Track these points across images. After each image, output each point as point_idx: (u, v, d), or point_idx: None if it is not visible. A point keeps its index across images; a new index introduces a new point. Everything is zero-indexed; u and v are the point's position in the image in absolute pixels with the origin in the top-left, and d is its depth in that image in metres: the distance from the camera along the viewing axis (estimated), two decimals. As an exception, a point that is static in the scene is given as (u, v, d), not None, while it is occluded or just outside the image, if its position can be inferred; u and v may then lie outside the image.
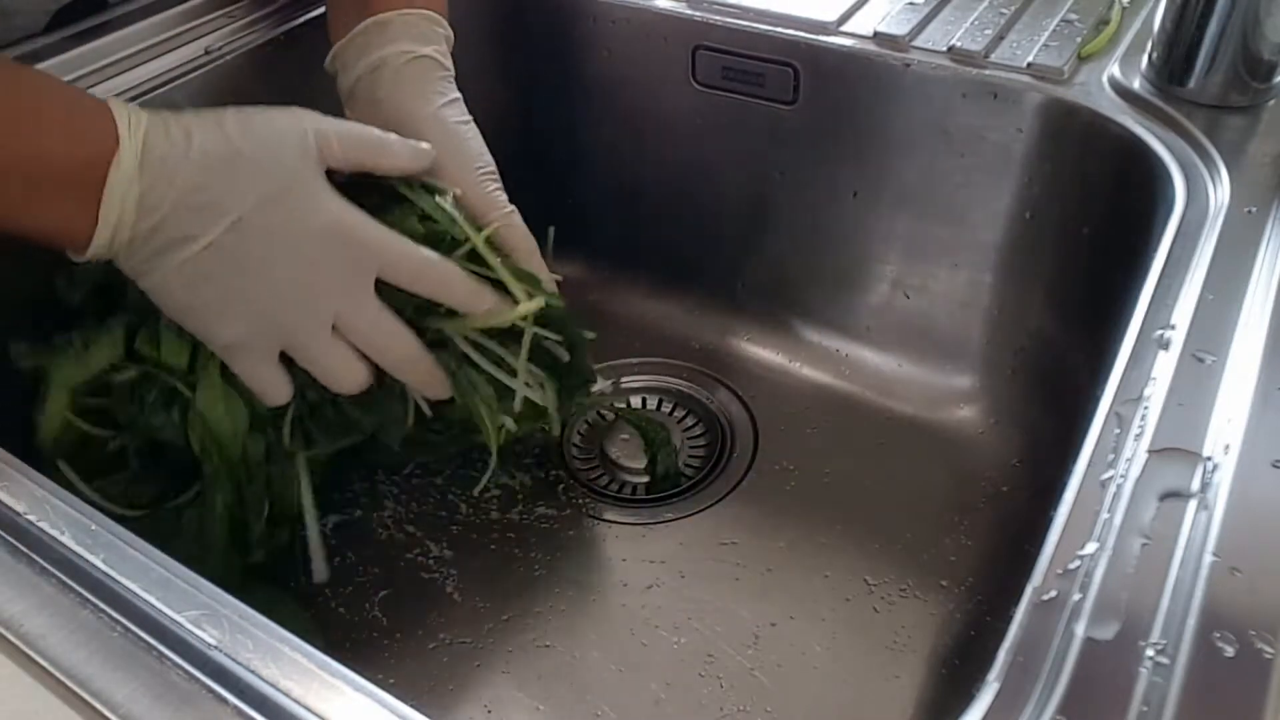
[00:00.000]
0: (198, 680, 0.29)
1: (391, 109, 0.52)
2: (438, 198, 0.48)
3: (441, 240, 0.47)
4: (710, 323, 0.73)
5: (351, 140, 0.46)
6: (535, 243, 0.52)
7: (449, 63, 0.54)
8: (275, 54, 0.62)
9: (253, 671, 0.29)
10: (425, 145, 0.49)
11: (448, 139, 0.51)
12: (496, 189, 0.51)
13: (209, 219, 0.42)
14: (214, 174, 0.42)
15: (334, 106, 0.67)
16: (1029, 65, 0.56)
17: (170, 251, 0.42)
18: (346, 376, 0.46)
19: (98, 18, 0.59)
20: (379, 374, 0.48)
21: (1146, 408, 0.36)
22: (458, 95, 0.53)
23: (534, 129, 0.75)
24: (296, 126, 0.45)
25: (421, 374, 0.48)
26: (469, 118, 0.53)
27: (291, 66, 0.63)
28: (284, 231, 0.43)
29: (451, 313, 0.48)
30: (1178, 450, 0.34)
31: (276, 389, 0.47)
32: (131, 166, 0.41)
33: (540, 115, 0.74)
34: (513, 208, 0.51)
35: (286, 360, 0.46)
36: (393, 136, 0.48)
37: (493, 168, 0.52)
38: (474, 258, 0.48)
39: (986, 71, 0.57)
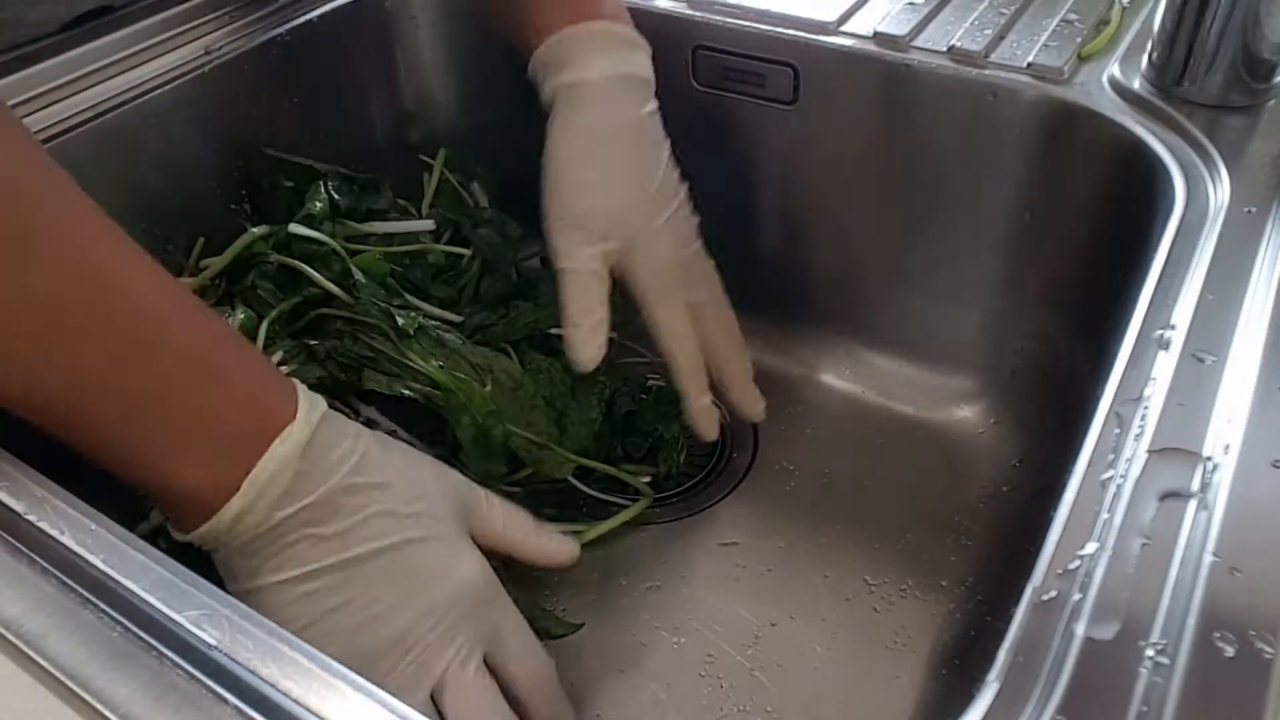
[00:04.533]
0: (198, 680, 0.29)
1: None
2: None
3: None
4: (710, 323, 0.73)
5: (510, 514, 0.46)
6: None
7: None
8: (275, 54, 0.62)
9: (252, 671, 0.29)
10: (574, 546, 0.49)
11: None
12: None
13: (350, 527, 0.39)
14: (373, 482, 0.39)
15: (334, 107, 0.67)
16: (1029, 65, 0.56)
17: (294, 553, 0.38)
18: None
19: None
20: None
21: (1146, 408, 0.36)
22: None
23: (533, 130, 0.75)
24: (461, 477, 0.45)
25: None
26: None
27: (292, 66, 0.63)
28: (421, 572, 0.40)
29: None
30: (1178, 450, 0.34)
31: None
32: (298, 443, 0.38)
33: (539, 116, 0.74)
34: None
35: None
36: (545, 529, 0.48)
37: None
38: None
39: (986, 71, 0.57)
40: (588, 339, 0.52)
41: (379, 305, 0.53)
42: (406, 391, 0.51)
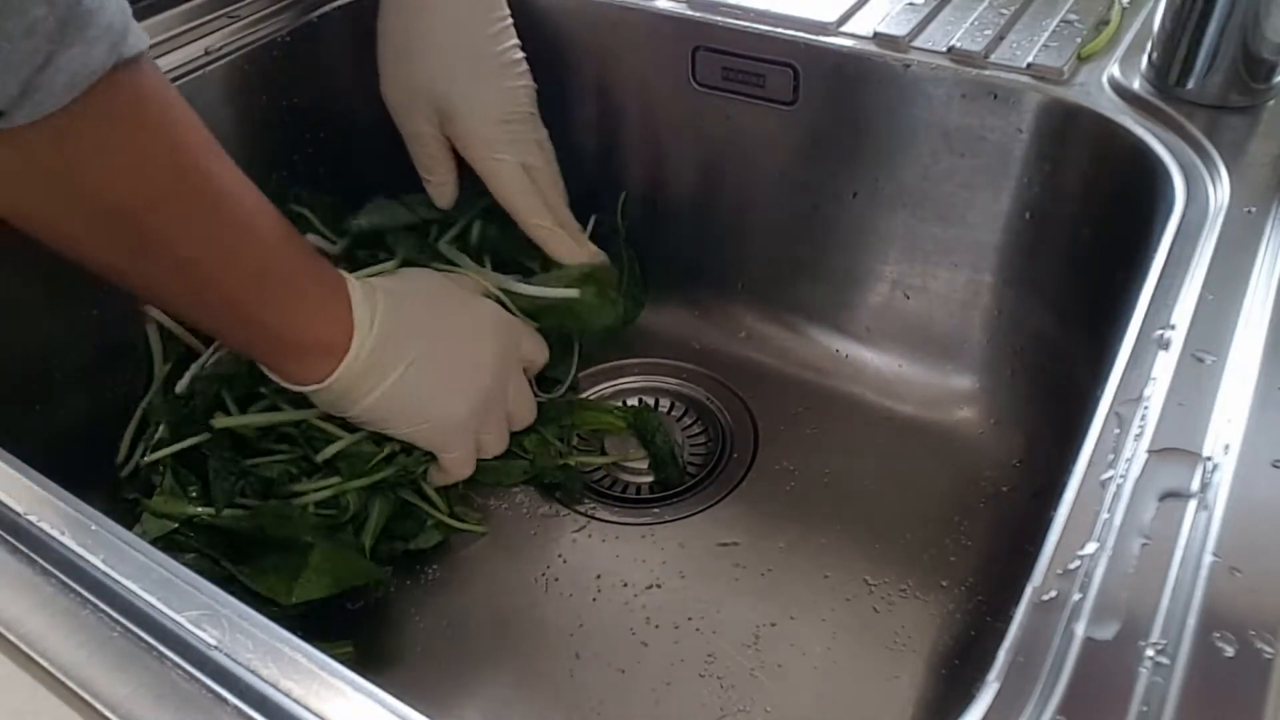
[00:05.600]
0: (198, 680, 0.29)
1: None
2: None
3: None
4: (710, 322, 0.73)
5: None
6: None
7: None
8: (275, 54, 0.62)
9: (253, 671, 0.29)
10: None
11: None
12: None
13: (411, 341, 0.51)
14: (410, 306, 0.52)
15: (334, 107, 0.67)
16: (1029, 65, 0.56)
17: (381, 371, 0.50)
18: (502, 443, 0.58)
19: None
20: None
21: (1146, 408, 0.36)
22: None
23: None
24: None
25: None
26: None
27: (292, 67, 0.64)
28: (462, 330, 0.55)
29: None
30: (1178, 450, 0.34)
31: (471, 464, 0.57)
32: (366, 346, 0.49)
33: (539, 116, 0.74)
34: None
35: None
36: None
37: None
38: None
39: (986, 72, 0.57)
40: (438, 190, 0.63)
41: None
42: None
